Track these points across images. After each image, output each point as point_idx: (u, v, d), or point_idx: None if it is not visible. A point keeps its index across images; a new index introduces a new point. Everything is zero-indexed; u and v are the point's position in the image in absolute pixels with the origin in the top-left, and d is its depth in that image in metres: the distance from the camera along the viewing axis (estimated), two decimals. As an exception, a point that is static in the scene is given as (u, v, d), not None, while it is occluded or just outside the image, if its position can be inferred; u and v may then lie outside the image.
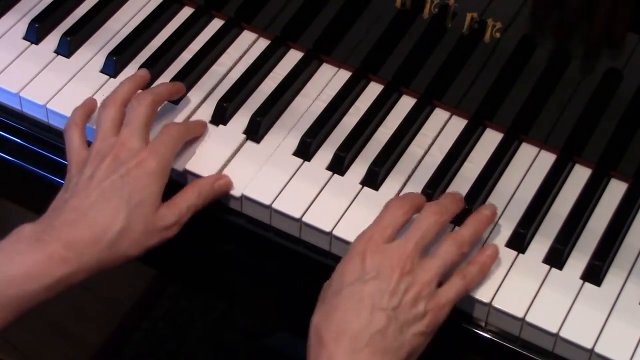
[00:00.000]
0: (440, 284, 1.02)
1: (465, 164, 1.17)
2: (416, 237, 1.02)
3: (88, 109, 1.14)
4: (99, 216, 1.03)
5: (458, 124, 1.20)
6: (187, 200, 1.08)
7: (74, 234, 1.02)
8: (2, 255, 1.01)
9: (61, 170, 1.16)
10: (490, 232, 1.11)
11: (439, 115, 1.21)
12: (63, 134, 1.12)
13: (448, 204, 1.07)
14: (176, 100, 1.20)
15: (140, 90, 1.15)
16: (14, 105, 1.21)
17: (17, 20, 1.27)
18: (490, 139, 1.19)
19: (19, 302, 1.00)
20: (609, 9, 1.06)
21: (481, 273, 1.05)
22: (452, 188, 1.14)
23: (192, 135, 1.15)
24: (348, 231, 1.09)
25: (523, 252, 1.09)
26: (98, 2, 1.28)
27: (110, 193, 1.04)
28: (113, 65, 1.22)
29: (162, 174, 1.07)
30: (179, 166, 1.13)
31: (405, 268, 1.00)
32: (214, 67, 1.24)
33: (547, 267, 1.08)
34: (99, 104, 1.13)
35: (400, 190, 1.14)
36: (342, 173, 1.15)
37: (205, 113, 1.19)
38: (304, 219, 1.10)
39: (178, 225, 1.07)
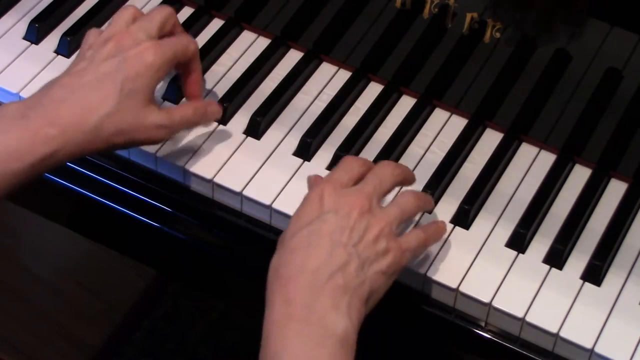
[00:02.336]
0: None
1: (465, 164, 1.17)
2: (374, 181, 1.03)
3: None
4: (88, 97, 1.03)
5: (458, 124, 1.20)
6: (181, 112, 1.09)
7: (59, 111, 1.02)
8: None
9: (61, 170, 1.16)
10: (491, 232, 1.11)
11: (439, 115, 1.21)
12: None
13: (398, 163, 1.09)
14: (176, 100, 1.19)
15: None
16: (14, 105, 1.21)
17: (17, 20, 1.27)
18: (490, 139, 1.19)
19: (4, 179, 1.00)
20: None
21: (436, 235, 1.05)
22: (452, 188, 1.14)
23: (197, 62, 1.13)
24: (348, 231, 1.09)
25: (523, 252, 1.09)
26: (98, 2, 1.28)
27: (105, 77, 1.04)
28: (113, 65, 1.22)
29: (160, 69, 1.06)
30: (179, 163, 1.13)
31: (364, 207, 1.00)
32: (214, 67, 1.24)
33: (547, 267, 1.08)
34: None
35: (400, 190, 1.13)
36: (342, 173, 1.15)
37: (205, 113, 1.19)
38: (304, 219, 1.10)
39: (168, 130, 1.07)
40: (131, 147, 1.06)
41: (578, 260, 1.09)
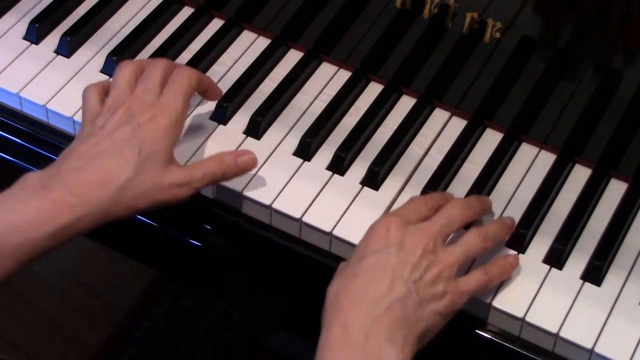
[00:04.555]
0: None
1: (465, 164, 1.17)
2: (441, 221, 1.02)
3: (109, 82, 1.13)
4: (107, 163, 1.03)
5: (458, 124, 1.20)
6: (204, 167, 1.07)
7: (79, 179, 1.02)
8: (5, 204, 1.00)
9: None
10: (490, 232, 1.11)
11: (439, 115, 1.21)
12: (82, 95, 1.11)
13: (474, 200, 1.07)
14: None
15: None
16: (14, 105, 1.21)
17: (17, 20, 1.27)
18: (490, 139, 1.19)
19: (23, 250, 0.99)
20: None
21: (501, 275, 1.05)
22: (452, 188, 1.14)
23: (204, 87, 1.14)
24: (348, 231, 1.09)
25: (523, 252, 1.09)
26: (98, 2, 1.28)
27: (121, 143, 1.04)
28: (113, 65, 1.22)
29: (175, 128, 1.06)
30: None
31: (428, 246, 1.00)
32: (214, 67, 1.24)
33: (547, 267, 1.08)
34: None
35: (400, 190, 1.14)
36: (342, 173, 1.15)
37: (206, 113, 1.19)
38: (304, 219, 1.10)
39: (190, 187, 1.06)
40: (155, 208, 1.05)
41: (578, 260, 1.09)
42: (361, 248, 1.01)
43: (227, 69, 1.24)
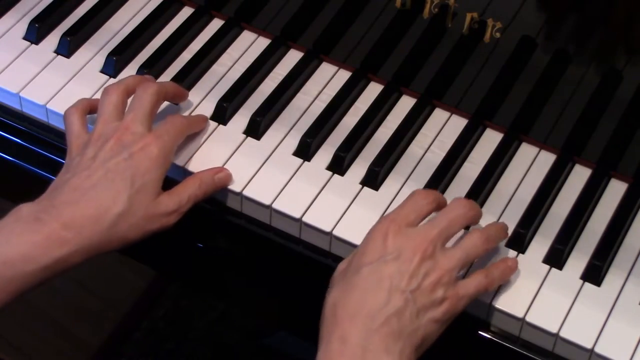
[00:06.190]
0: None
1: (465, 164, 1.17)
2: (442, 224, 1.01)
3: (89, 101, 1.13)
4: (100, 196, 1.03)
5: (458, 124, 1.20)
6: (187, 190, 1.08)
7: (73, 213, 1.02)
8: (0, 236, 1.01)
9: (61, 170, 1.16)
10: (490, 232, 1.11)
11: (439, 115, 1.21)
12: (63, 118, 1.11)
13: (474, 202, 1.06)
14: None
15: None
16: (14, 105, 1.21)
17: (17, 20, 1.27)
18: (490, 139, 1.19)
19: (17, 283, 1.00)
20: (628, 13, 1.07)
21: (502, 278, 1.04)
22: (452, 188, 1.14)
23: (195, 130, 1.15)
24: (348, 231, 1.09)
25: (523, 252, 1.09)
26: (98, 2, 1.28)
27: (114, 174, 1.04)
28: (113, 65, 1.22)
29: (165, 160, 1.07)
30: (179, 163, 1.14)
31: (427, 252, 0.99)
32: (214, 67, 1.24)
33: (547, 267, 1.08)
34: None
35: (400, 190, 1.14)
36: (342, 173, 1.15)
37: (205, 113, 1.19)
38: (304, 219, 1.10)
39: (178, 213, 1.07)
40: (144, 238, 1.06)
41: (578, 260, 1.09)
42: (358, 257, 1.00)
43: (227, 69, 1.24)
